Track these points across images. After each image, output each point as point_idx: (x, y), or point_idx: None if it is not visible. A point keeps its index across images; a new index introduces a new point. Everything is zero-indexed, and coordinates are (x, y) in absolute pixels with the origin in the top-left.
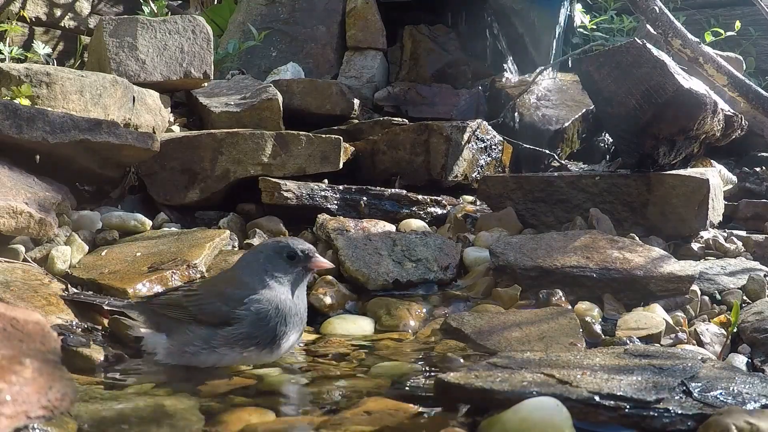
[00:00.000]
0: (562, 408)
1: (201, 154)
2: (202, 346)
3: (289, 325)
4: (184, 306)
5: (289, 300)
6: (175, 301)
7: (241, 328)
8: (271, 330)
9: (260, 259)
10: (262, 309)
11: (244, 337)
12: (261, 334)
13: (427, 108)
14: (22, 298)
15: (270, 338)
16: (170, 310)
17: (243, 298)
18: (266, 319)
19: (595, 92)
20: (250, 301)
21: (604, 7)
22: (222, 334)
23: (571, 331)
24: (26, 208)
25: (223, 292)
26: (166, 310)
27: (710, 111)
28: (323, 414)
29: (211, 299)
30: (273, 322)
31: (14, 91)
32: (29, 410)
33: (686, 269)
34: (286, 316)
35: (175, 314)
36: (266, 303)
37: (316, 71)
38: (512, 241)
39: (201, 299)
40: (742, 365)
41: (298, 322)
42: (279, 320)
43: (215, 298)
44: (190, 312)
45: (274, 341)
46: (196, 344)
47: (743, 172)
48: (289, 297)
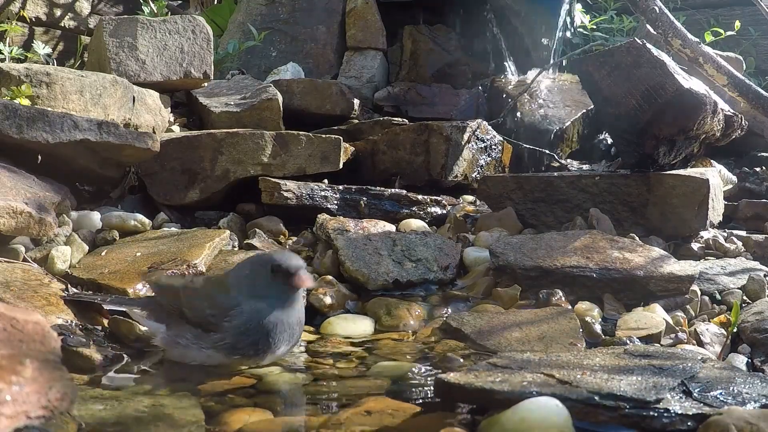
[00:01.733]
0: (562, 408)
1: (201, 154)
2: (192, 341)
3: (274, 339)
4: (179, 297)
5: (274, 315)
6: (174, 289)
7: (226, 339)
8: (252, 344)
9: (246, 271)
10: (242, 324)
11: (228, 346)
12: (243, 347)
13: (427, 108)
14: (22, 298)
15: (253, 351)
16: (167, 294)
17: (229, 309)
18: (247, 333)
19: (595, 92)
20: (232, 315)
21: (604, 7)
22: (208, 337)
23: (571, 331)
24: (26, 208)
25: (213, 297)
26: (164, 294)
27: (710, 111)
28: (323, 414)
29: (201, 300)
30: (255, 337)
31: (14, 91)
32: (29, 410)
33: (686, 269)
34: (270, 332)
35: (168, 302)
36: (248, 317)
37: (316, 71)
38: (512, 241)
39: (193, 297)
40: (742, 365)
41: (286, 337)
42: (261, 336)
43: (205, 300)
44: (182, 305)
45: (257, 354)
46: (188, 338)
47: (743, 172)
48: (276, 312)
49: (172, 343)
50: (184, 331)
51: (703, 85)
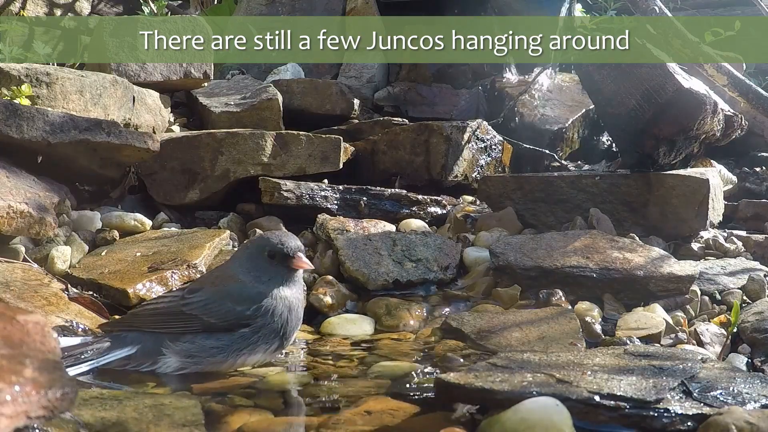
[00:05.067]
0: (562, 408)
1: (201, 154)
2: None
3: (291, 323)
4: (186, 314)
5: (288, 298)
6: (171, 311)
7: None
8: (280, 329)
9: (246, 255)
10: (271, 309)
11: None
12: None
13: (427, 108)
14: (22, 298)
15: (281, 332)
16: (166, 323)
17: (261, 297)
18: (278, 319)
19: (595, 92)
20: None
21: (604, 7)
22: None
23: (571, 331)
24: (26, 208)
25: (233, 293)
26: (159, 326)
27: (710, 111)
28: (323, 414)
29: (222, 302)
30: (281, 322)
31: (14, 91)
32: (29, 410)
33: (686, 269)
34: (288, 316)
35: (176, 326)
36: (275, 302)
37: (316, 71)
38: (512, 241)
39: (208, 302)
40: (742, 365)
41: (295, 318)
42: (283, 321)
43: (227, 300)
44: (200, 319)
45: (287, 337)
46: (216, 346)
47: (743, 172)
48: (284, 293)
49: (192, 363)
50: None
51: (703, 85)
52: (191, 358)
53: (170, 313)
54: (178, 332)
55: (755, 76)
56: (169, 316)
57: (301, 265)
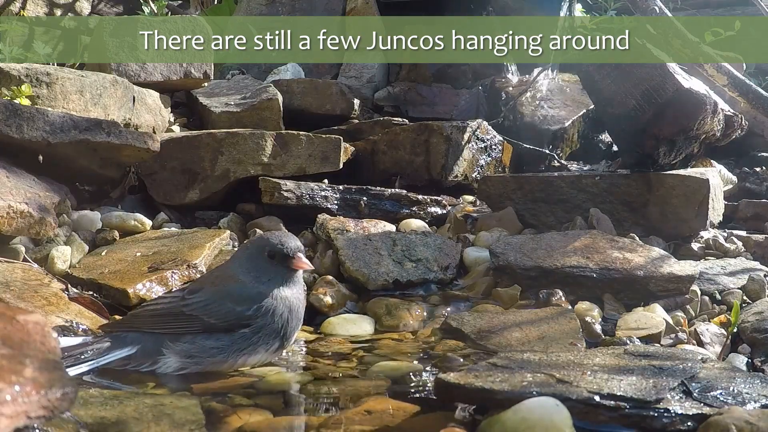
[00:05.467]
0: (562, 408)
1: (201, 154)
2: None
3: (291, 323)
4: (187, 314)
5: (289, 298)
6: (172, 311)
7: (263, 329)
8: (280, 329)
9: (246, 255)
10: (271, 308)
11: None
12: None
13: (427, 108)
14: (22, 298)
15: (281, 332)
16: (166, 323)
17: (260, 297)
18: (278, 318)
19: (595, 92)
20: (265, 303)
21: (604, 7)
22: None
23: (571, 331)
24: (26, 208)
25: (233, 293)
26: (159, 326)
27: (710, 111)
28: (323, 414)
29: (222, 302)
30: (281, 322)
31: (14, 91)
32: (29, 410)
33: (686, 269)
34: (289, 316)
35: (177, 326)
36: (275, 302)
37: (316, 71)
38: (512, 241)
39: (208, 302)
40: (742, 365)
41: (295, 317)
42: (284, 321)
43: (227, 300)
44: (200, 319)
45: (288, 338)
46: (215, 347)
47: (743, 172)
48: (285, 293)
49: (192, 363)
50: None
51: (703, 85)
52: (191, 359)
53: (170, 314)
54: (178, 332)
55: (755, 76)
56: (170, 317)
57: (300, 266)
